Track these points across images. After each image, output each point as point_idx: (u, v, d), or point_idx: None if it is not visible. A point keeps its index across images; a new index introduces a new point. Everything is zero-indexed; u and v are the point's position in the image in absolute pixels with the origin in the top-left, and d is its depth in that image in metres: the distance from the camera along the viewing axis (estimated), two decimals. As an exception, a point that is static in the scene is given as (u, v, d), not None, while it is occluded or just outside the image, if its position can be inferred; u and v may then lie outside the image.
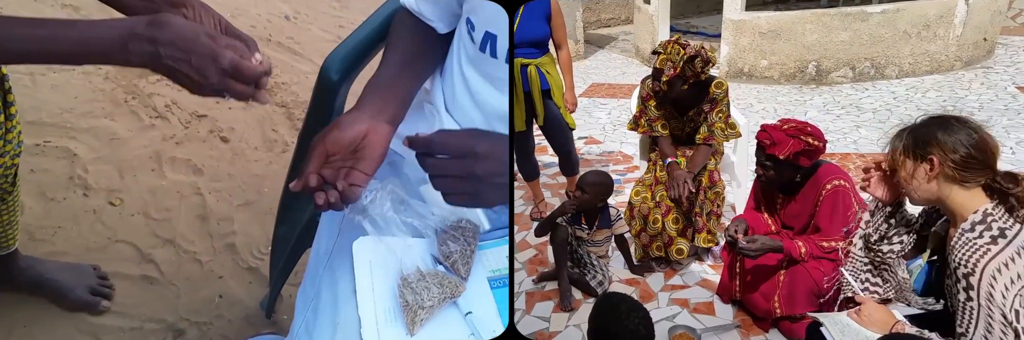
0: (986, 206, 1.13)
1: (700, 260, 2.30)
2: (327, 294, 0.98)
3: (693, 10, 7.24)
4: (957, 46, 4.69)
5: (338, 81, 1.17)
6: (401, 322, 0.93)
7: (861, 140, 3.37)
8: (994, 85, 4.28)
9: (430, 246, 0.99)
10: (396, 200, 0.95)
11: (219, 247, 1.89)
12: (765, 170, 1.76)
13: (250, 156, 2.22)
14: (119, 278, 1.68)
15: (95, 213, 1.80)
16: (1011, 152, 3.05)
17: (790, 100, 4.42)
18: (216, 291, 1.77)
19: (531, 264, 2.38)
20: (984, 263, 1.07)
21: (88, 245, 1.73)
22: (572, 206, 2.02)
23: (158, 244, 1.81)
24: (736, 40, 4.97)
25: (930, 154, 1.15)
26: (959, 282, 1.12)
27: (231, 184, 2.08)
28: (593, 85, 5.35)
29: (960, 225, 1.15)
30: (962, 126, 1.17)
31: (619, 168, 3.33)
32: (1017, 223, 1.10)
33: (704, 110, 2.14)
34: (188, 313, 1.69)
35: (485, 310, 0.96)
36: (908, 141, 1.19)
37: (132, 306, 1.65)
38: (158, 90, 2.23)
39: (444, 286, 0.93)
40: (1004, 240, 1.08)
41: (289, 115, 2.48)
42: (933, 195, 1.18)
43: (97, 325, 1.58)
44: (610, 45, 7.18)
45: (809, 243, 1.73)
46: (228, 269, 1.85)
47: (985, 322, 1.09)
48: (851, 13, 4.58)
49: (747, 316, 1.95)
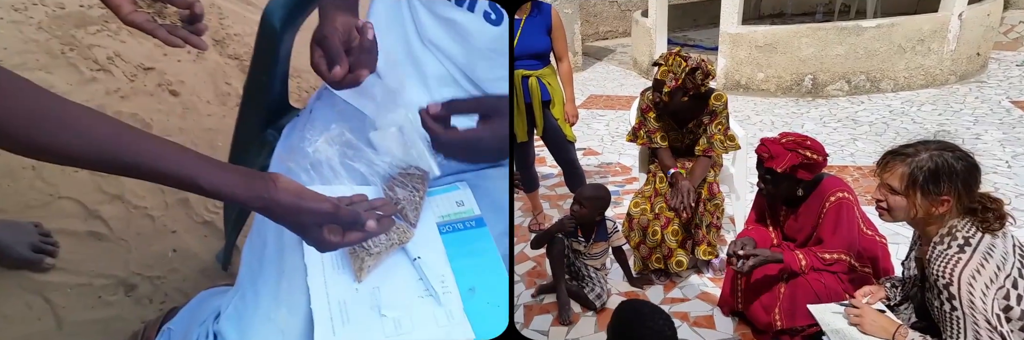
0: (953, 221, 1.21)
1: (699, 272, 2.29)
2: (273, 243, 0.98)
3: (690, 23, 7.31)
4: (951, 60, 4.74)
5: (281, 28, 1.13)
6: (349, 269, 0.93)
7: (858, 153, 3.38)
8: (988, 99, 4.32)
9: (377, 193, 0.97)
10: (346, 145, 0.94)
11: (172, 202, 1.84)
12: (766, 183, 1.77)
13: (202, 110, 2.13)
14: (64, 235, 1.62)
15: (34, 170, 1.71)
16: (1007, 166, 3.07)
17: (787, 112, 4.45)
18: (169, 245, 1.73)
19: (529, 276, 2.37)
20: (959, 271, 1.13)
21: (27, 202, 1.65)
22: (571, 222, 2.02)
23: (105, 200, 1.74)
24: (733, 53, 5.01)
25: (944, 195, 1.19)
26: (941, 293, 1.16)
27: (183, 139, 2.00)
28: (591, 97, 5.38)
29: (932, 241, 1.22)
30: (969, 161, 1.21)
31: (618, 179, 3.33)
32: (978, 232, 1.18)
33: (703, 122, 2.15)
34: (140, 268, 1.65)
35: (433, 255, 0.95)
36: (922, 177, 1.20)
37: (80, 262, 1.59)
38: (99, 41, 2.10)
39: (392, 232, 0.92)
40: (970, 248, 1.16)
41: (242, 68, 2.39)
42: (910, 219, 1.25)
43: (42, 282, 1.53)
44: (608, 57, 7.23)
45: (810, 255, 1.72)
46: (182, 224, 1.80)
47: (972, 329, 1.13)
48: (846, 27, 4.63)
49: (747, 329, 1.93)
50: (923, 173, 1.20)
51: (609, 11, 8.39)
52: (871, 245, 1.76)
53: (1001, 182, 2.86)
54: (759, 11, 7.34)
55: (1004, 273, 1.13)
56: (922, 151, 1.22)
